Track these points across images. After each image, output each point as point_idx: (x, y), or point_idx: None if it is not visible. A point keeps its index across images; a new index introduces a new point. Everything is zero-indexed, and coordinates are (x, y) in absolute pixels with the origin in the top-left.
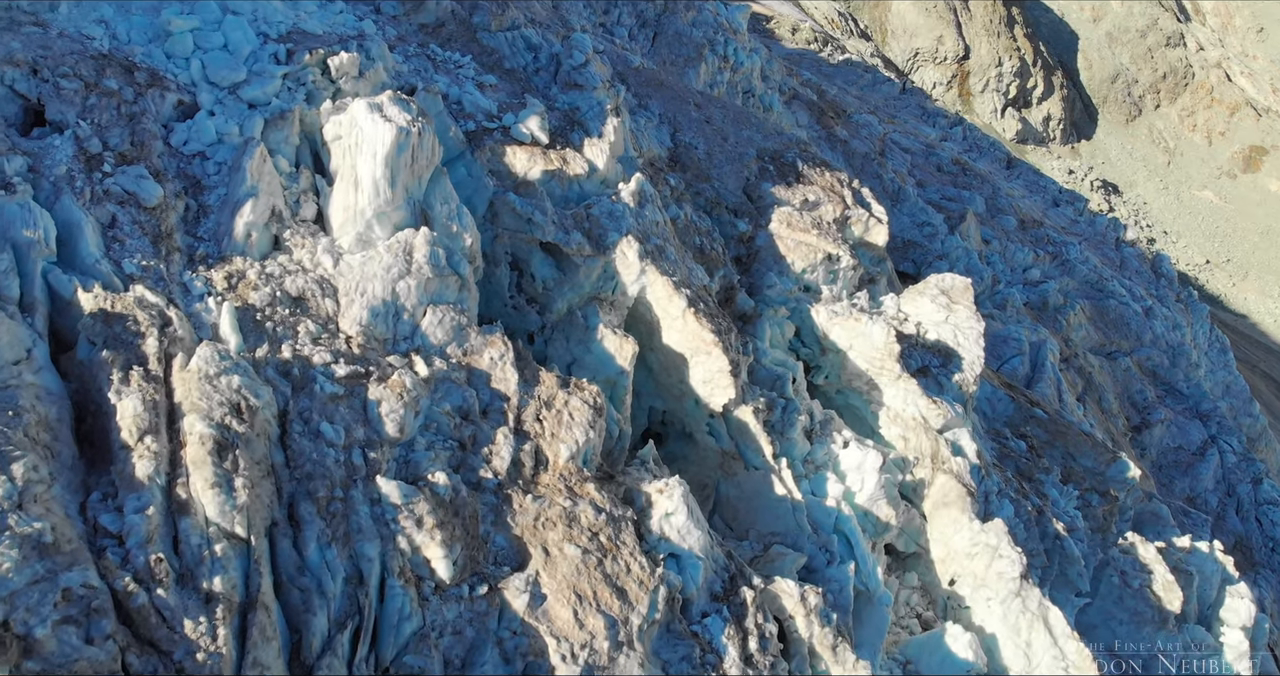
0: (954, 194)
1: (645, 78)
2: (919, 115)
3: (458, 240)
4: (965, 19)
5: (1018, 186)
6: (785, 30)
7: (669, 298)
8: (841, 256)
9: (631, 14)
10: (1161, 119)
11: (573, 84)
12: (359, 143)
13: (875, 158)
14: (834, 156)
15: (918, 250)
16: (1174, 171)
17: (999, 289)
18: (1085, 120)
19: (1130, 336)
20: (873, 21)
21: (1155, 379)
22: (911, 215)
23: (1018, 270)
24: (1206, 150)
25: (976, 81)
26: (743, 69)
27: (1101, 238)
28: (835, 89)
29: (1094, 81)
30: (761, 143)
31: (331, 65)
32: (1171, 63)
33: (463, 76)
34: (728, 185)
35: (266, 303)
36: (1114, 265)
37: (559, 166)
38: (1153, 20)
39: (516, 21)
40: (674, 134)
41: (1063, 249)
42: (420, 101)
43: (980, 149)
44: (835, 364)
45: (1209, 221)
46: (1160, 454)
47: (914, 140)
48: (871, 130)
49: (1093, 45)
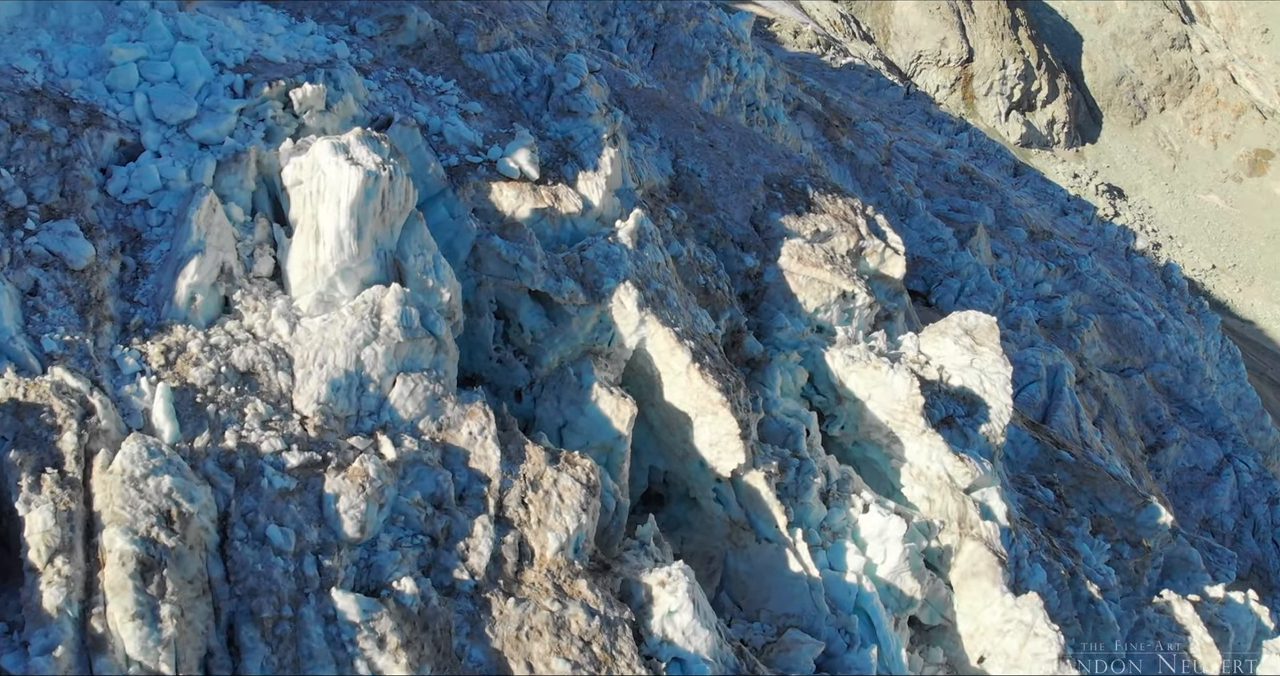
0: (962, 205)
1: (645, 98)
2: (924, 121)
3: (434, 296)
4: (969, 21)
5: (1026, 194)
6: (787, 33)
7: (671, 351)
8: (857, 294)
9: (631, 24)
10: (1166, 122)
11: (566, 110)
12: (321, 189)
13: (883, 170)
14: (840, 170)
15: (928, 267)
16: (1179, 175)
17: (1011, 307)
18: (1090, 123)
19: (1144, 352)
20: (875, 23)
21: (1169, 395)
22: (921, 230)
23: (1029, 284)
24: (1212, 153)
25: (980, 84)
26: (746, 80)
27: (1111, 247)
28: (839, 96)
29: (1098, 84)
30: (769, 168)
31: (294, 98)
32: (1176, 65)
33: (445, 104)
34: (733, 215)
35: (209, 380)
36: (1124, 276)
37: (550, 204)
38: (1157, 22)
39: (505, 40)
40: (676, 160)
41: (1074, 261)
42: (395, 137)
43: (987, 156)
44: (852, 414)
45: (1215, 226)
46: (1175, 474)
47: (920, 148)
48: (877, 139)
49: (1097, 47)
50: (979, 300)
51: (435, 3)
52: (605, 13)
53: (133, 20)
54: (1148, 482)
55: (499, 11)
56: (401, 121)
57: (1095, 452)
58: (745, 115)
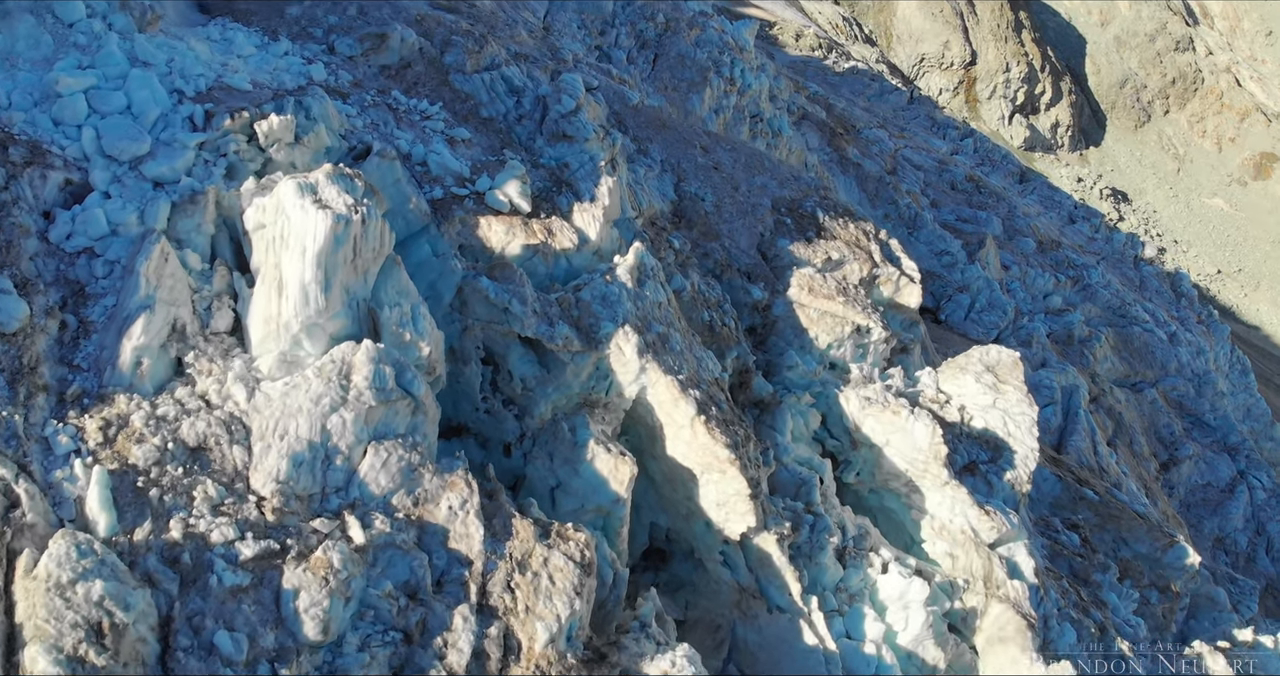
0: (970, 215)
1: (645, 117)
2: (928, 126)
3: (412, 350)
4: (972, 23)
5: (1033, 202)
6: (789, 37)
7: (675, 402)
8: (872, 328)
9: (630, 34)
10: (1171, 125)
11: (561, 135)
12: (285, 235)
13: (889, 181)
14: (846, 181)
15: (937, 282)
16: (1183, 179)
17: (1023, 323)
18: (1093, 126)
19: (1155, 365)
20: (877, 26)
21: (1182, 410)
22: (929, 243)
23: (1038, 297)
24: (1216, 157)
25: (984, 88)
26: (750, 91)
27: (1120, 256)
28: (843, 102)
29: (1102, 87)
30: (777, 190)
31: (260, 130)
32: (1180, 67)
33: (430, 131)
34: (739, 243)
35: (154, 460)
36: (1134, 285)
37: (543, 239)
38: (1161, 24)
39: (496, 59)
40: (678, 183)
41: (1084, 273)
42: (373, 170)
43: (993, 162)
44: (869, 460)
45: (1220, 230)
46: (1189, 492)
47: (926, 156)
48: (882, 146)
49: (1100, 50)
50: (989, 316)
51: (421, 19)
52: (604, 22)
53: (86, 44)
54: (1163, 505)
55: (491, 25)
56: (380, 153)
57: (1111, 477)
58: (749, 127)
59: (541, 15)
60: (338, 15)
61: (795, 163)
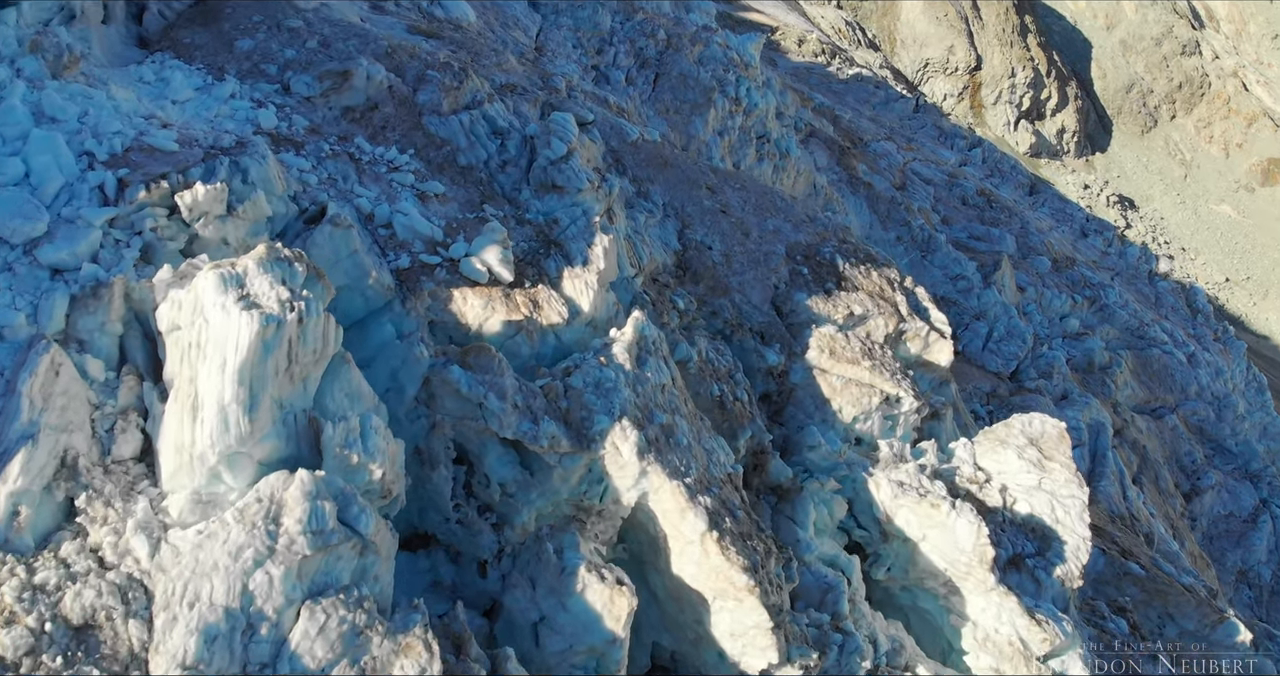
0: (983, 232)
1: (646, 155)
2: (935, 136)
3: (360, 474)
4: (977, 28)
5: (1044, 215)
6: (792, 42)
7: (682, 512)
8: (902, 397)
9: (629, 53)
10: (1177, 130)
11: (551, 185)
12: (202, 342)
13: (901, 202)
14: (856, 202)
15: (953, 309)
16: (1191, 185)
17: (1042, 351)
18: (1099, 132)
19: (1175, 389)
20: (881, 31)
21: (1202, 435)
22: (944, 266)
23: (1055, 320)
24: (1224, 163)
25: (989, 93)
26: (756, 111)
27: (1134, 271)
28: (849, 112)
29: (1108, 91)
30: (791, 235)
31: (182, 203)
32: (1187, 72)
33: (398, 185)
34: (751, 298)
35: (25, 648)
36: (1149, 302)
37: (527, 314)
38: (1168, 28)
39: (478, 95)
40: (682, 230)
41: (1100, 292)
42: (323, 242)
43: (1001, 173)
44: (902, 555)
45: (1227, 237)
46: (1211, 523)
47: (935, 169)
48: (891, 160)
49: (1106, 54)
50: (1008, 346)
51: (392, 51)
52: (601, 40)
53: None
54: (1190, 545)
55: (475, 51)
56: (334, 220)
57: (1143, 524)
58: (755, 149)
59: (534, 34)
60: (296, 48)
61: (804, 185)
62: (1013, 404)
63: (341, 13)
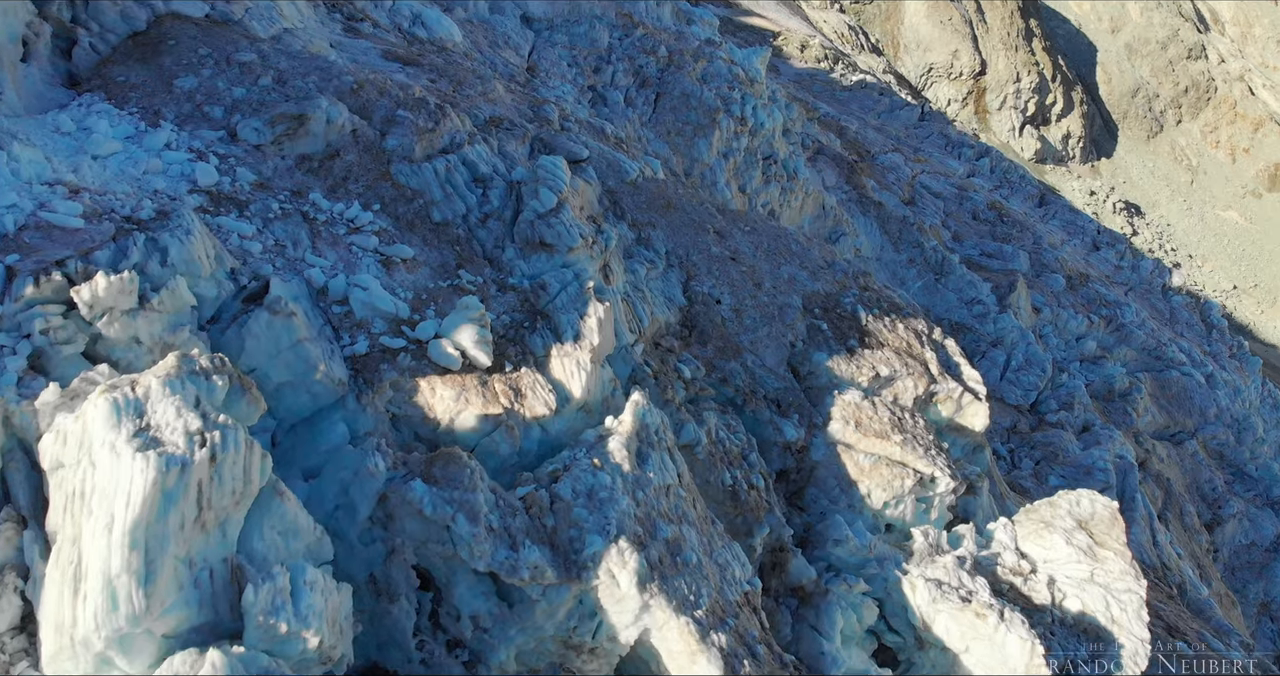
0: (995, 249)
1: (647, 196)
2: (942, 145)
3: (292, 644)
4: (981, 32)
5: (1055, 228)
6: (794, 48)
7: (691, 655)
8: (938, 477)
9: (629, 71)
10: (1184, 135)
11: (539, 243)
12: (87, 492)
13: (914, 222)
14: (866, 223)
15: (968, 335)
16: (1197, 191)
17: (1061, 381)
18: (1105, 137)
19: (1194, 412)
20: (884, 35)
21: (1223, 461)
22: (958, 290)
23: (1072, 342)
24: (1230, 168)
25: (994, 98)
26: (763, 131)
27: (1147, 285)
28: (855, 123)
29: (1113, 96)
30: (808, 283)
31: (79, 299)
32: (1193, 76)
33: (358, 250)
34: (765, 359)
35: None
36: (1164, 318)
37: (508, 405)
38: (1173, 31)
39: (458, 136)
40: (688, 281)
41: (1117, 311)
42: (260, 331)
43: (1010, 183)
44: (940, 665)
45: (1234, 244)
46: (1232, 553)
47: (944, 182)
48: (899, 174)
49: (1112, 58)
50: (1027, 376)
51: (359, 87)
52: (599, 58)
53: None
54: (1217, 585)
55: (458, 79)
56: (272, 307)
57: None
58: (761, 171)
59: (527, 53)
60: (246, 87)
61: (813, 207)
62: (1034, 441)
63: (307, 40)
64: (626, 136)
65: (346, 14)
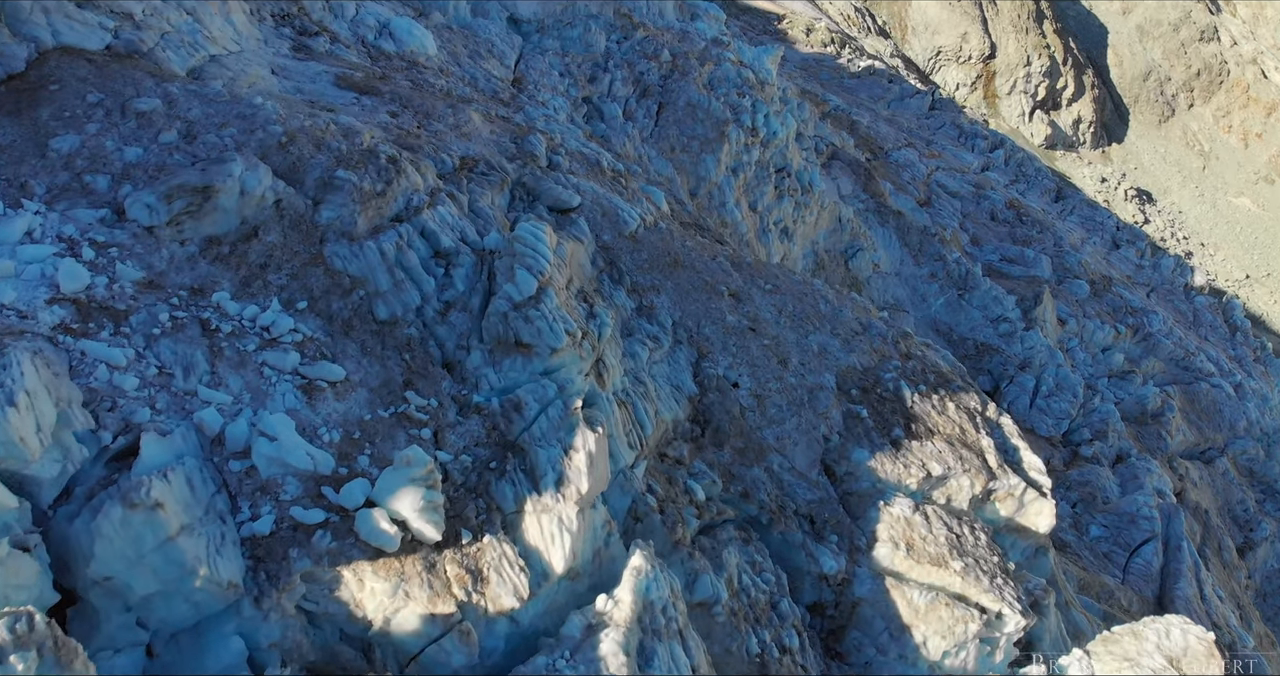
0: (1016, 254)
1: (650, 253)
2: (954, 136)
3: None
4: (991, 14)
5: (1074, 224)
6: (799, 31)
7: None
8: (1005, 614)
9: (628, 80)
10: (1195, 119)
11: (513, 342)
12: None
13: (935, 234)
14: (885, 234)
15: (995, 357)
16: (1209, 177)
17: (1094, 405)
18: (1116, 121)
19: (1224, 426)
20: (891, 17)
21: (1252, 478)
22: (983, 306)
23: (1099, 356)
24: (1243, 153)
25: (1003, 82)
26: (776, 140)
27: (1170, 285)
28: (866, 115)
29: (1125, 79)
30: (842, 356)
31: None
32: (1205, 59)
33: (272, 374)
34: (795, 460)
35: None
36: (1187, 321)
37: (464, 598)
38: (1186, 12)
39: (414, 197)
40: (699, 361)
41: (1143, 319)
42: (109, 534)
43: (1026, 176)
44: None
45: (1247, 231)
46: (1264, 578)
47: (960, 179)
48: (915, 171)
49: (1123, 40)
50: (1058, 402)
51: (289, 142)
52: (594, 65)
53: None
54: (1257, 626)
55: (426, 110)
56: (128, 499)
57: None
58: (774, 185)
59: (513, 62)
60: (143, 145)
61: (828, 221)
62: (1070, 480)
63: (238, 70)
64: (625, 155)
65: (299, 28)
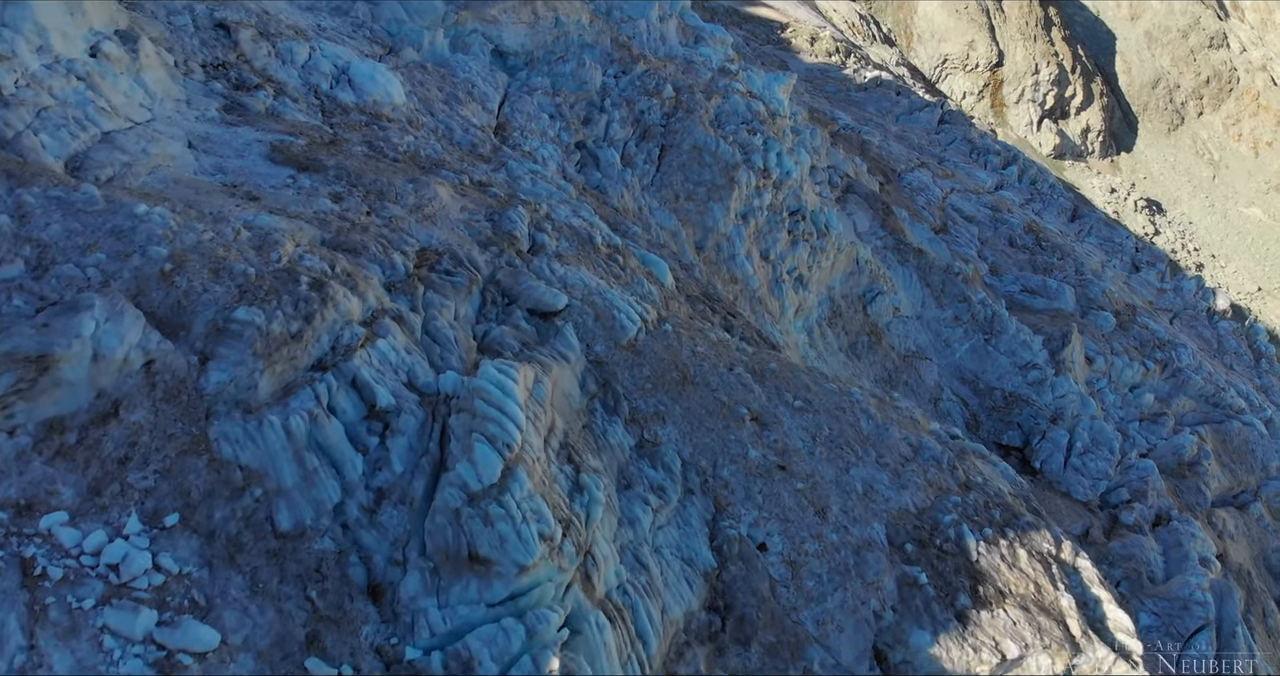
0: (1038, 284)
1: (653, 367)
2: (966, 152)
3: None
4: (999, 21)
5: (1093, 246)
6: (804, 40)
7: None
8: None
9: (627, 120)
10: (1205, 128)
11: (467, 557)
12: None
13: (959, 273)
14: (906, 274)
15: (1025, 409)
16: (1219, 186)
17: (1131, 462)
18: (1124, 130)
19: (1256, 467)
20: (897, 24)
21: None
22: (1010, 351)
23: (1129, 397)
24: (1253, 162)
25: (1011, 91)
26: (789, 181)
27: (1192, 309)
28: (876, 134)
29: (1133, 87)
30: (892, 496)
31: None
32: (1215, 66)
33: (115, 644)
34: (840, 652)
35: None
36: (1211, 348)
37: None
38: (1194, 19)
39: (344, 333)
40: (716, 518)
41: (1172, 354)
42: None
43: (1041, 194)
44: None
45: (1259, 243)
46: None
47: (976, 202)
48: (930, 195)
49: (1131, 47)
50: (1094, 461)
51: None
52: (589, 105)
53: None
54: None
55: (379, 188)
56: None
57: None
58: (787, 230)
59: (496, 105)
60: None
61: (846, 264)
62: (1113, 555)
63: (138, 152)
64: (623, 208)
65: (235, 81)
